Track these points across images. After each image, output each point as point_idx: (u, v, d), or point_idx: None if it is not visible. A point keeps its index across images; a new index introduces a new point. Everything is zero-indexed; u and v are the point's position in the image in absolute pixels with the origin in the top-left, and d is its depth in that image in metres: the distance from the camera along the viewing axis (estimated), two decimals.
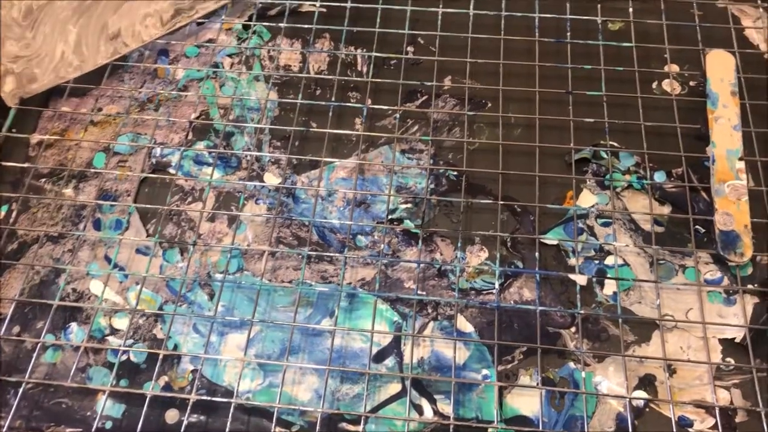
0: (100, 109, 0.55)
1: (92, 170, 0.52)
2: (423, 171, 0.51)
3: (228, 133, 0.53)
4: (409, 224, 0.49)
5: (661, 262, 0.47)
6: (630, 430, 0.41)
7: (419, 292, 0.46)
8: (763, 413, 0.40)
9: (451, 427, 0.41)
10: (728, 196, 0.47)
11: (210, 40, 0.57)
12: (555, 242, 0.48)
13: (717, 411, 0.41)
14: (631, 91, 0.52)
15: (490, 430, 0.42)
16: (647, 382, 0.43)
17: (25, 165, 0.52)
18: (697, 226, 0.47)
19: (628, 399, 0.42)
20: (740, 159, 0.48)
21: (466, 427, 0.42)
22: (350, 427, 0.42)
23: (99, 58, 0.54)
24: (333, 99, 0.54)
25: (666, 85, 0.54)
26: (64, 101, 0.55)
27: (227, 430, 0.41)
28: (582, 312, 0.44)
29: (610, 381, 0.43)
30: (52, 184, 0.52)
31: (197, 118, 0.54)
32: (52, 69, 0.54)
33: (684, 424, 0.42)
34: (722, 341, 0.44)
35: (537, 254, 0.46)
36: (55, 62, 0.54)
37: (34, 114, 0.54)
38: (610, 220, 0.48)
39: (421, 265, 0.47)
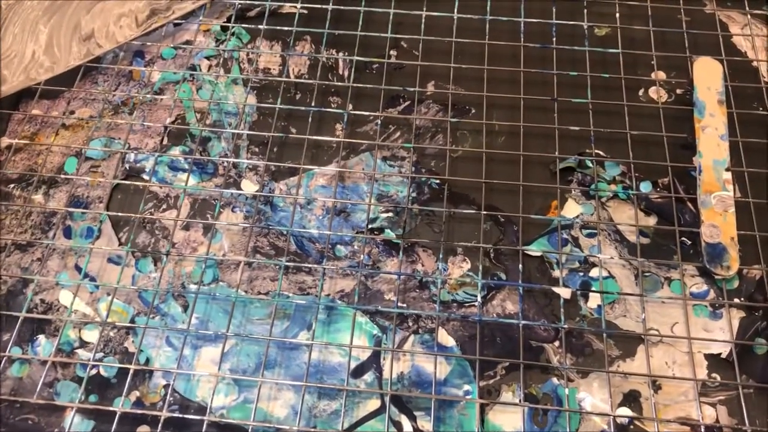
0: (72, 112, 0.53)
1: (63, 176, 0.50)
2: (405, 179, 0.50)
3: (204, 138, 0.52)
4: (390, 234, 0.48)
5: (647, 274, 0.46)
6: None
7: (400, 304, 0.45)
8: (749, 431, 0.40)
9: None
10: (715, 208, 0.46)
11: (187, 42, 0.56)
12: (539, 254, 0.47)
13: (702, 430, 0.40)
14: (617, 98, 0.51)
15: None
16: (632, 399, 0.42)
17: None
18: (683, 238, 0.47)
19: (612, 417, 0.41)
20: (727, 170, 0.47)
21: None
22: None
23: (71, 59, 0.53)
24: (313, 104, 0.52)
25: (653, 92, 0.53)
26: (35, 104, 0.53)
27: None
28: (566, 326, 0.43)
29: (593, 397, 0.42)
30: (21, 190, 0.50)
31: (173, 122, 0.52)
32: (22, 70, 0.52)
33: None
34: (708, 356, 0.43)
35: (520, 266, 0.45)
36: (25, 63, 0.52)
37: (3, 117, 0.53)
38: (595, 231, 0.47)
39: (402, 277, 0.46)
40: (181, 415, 0.41)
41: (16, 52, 0.52)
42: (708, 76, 0.51)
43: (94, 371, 0.43)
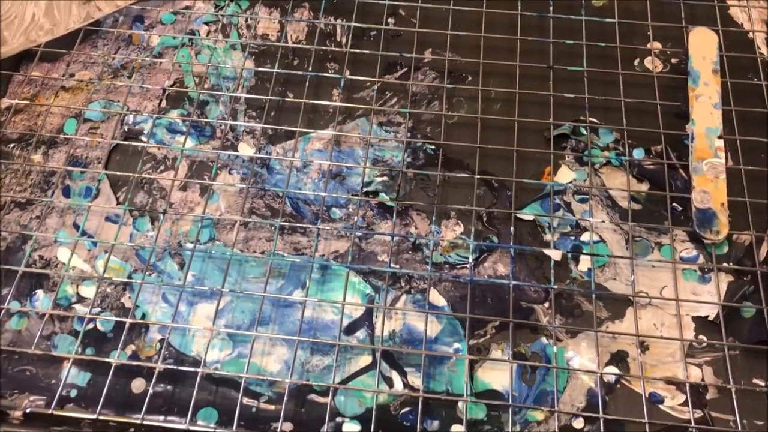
0: (72, 75, 0.53)
1: (62, 136, 0.51)
2: (400, 144, 0.50)
3: (203, 102, 0.52)
4: (384, 197, 0.48)
5: (637, 239, 0.46)
6: (601, 405, 0.41)
7: (393, 265, 0.45)
8: (733, 390, 0.40)
9: (420, 399, 0.40)
10: (706, 174, 0.46)
11: (187, 7, 0.56)
12: (531, 218, 0.47)
13: (688, 388, 0.41)
14: (612, 67, 0.51)
15: (459, 403, 0.41)
16: (619, 359, 0.43)
17: None
18: (674, 204, 0.47)
19: (599, 374, 0.41)
20: (719, 137, 0.47)
21: (435, 399, 0.41)
22: (319, 399, 0.42)
23: (71, 22, 0.53)
24: (310, 69, 0.53)
25: (648, 62, 0.53)
26: (35, 66, 0.53)
27: (193, 399, 0.40)
28: (556, 287, 0.44)
29: (581, 357, 0.43)
30: (20, 149, 0.50)
31: (171, 86, 0.53)
32: (22, 32, 0.52)
33: (655, 400, 0.41)
34: (695, 319, 0.44)
35: (512, 229, 0.46)
36: (25, 25, 0.52)
37: (3, 78, 0.53)
38: (588, 197, 0.48)
39: (396, 239, 0.46)
40: (176, 367, 0.42)
41: (16, 14, 0.52)
42: (703, 46, 0.51)
43: (90, 325, 0.44)
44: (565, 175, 0.49)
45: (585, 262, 0.46)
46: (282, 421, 0.40)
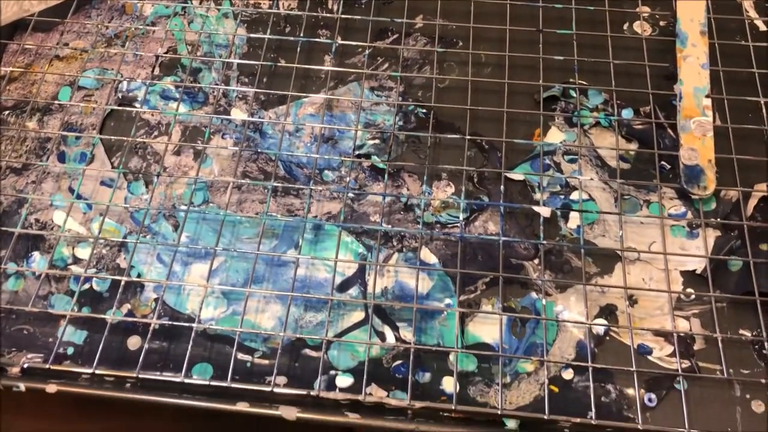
0: (66, 44, 0.54)
1: (57, 103, 0.51)
2: (391, 108, 0.51)
3: (195, 69, 0.53)
4: (376, 159, 0.49)
5: (626, 197, 0.47)
6: (590, 356, 0.41)
7: (385, 225, 0.46)
8: (720, 340, 0.41)
9: (412, 351, 0.41)
10: (694, 132, 0.47)
11: None
12: (521, 177, 0.48)
13: (675, 338, 0.42)
14: (601, 31, 0.52)
15: (450, 355, 0.42)
16: (608, 312, 0.43)
17: None
18: (662, 162, 0.48)
19: (588, 326, 0.42)
20: (707, 96, 0.48)
21: (427, 351, 0.42)
22: (312, 353, 0.42)
23: None
24: (302, 36, 0.53)
25: (637, 26, 0.53)
26: (29, 35, 0.54)
27: (188, 355, 0.41)
28: (545, 242, 0.44)
29: (571, 311, 0.43)
30: (15, 117, 0.51)
31: (165, 53, 0.53)
32: (15, 1, 0.53)
33: (643, 351, 0.42)
34: (683, 273, 0.44)
35: (502, 188, 0.46)
36: None
37: None
38: (577, 157, 0.48)
39: (388, 200, 0.47)
40: (171, 323, 0.42)
41: None
42: (691, 9, 0.52)
43: (86, 285, 0.45)
44: (555, 136, 0.49)
45: (574, 220, 0.46)
46: (276, 375, 0.41)
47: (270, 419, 0.39)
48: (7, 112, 0.51)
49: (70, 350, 0.43)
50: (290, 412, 0.39)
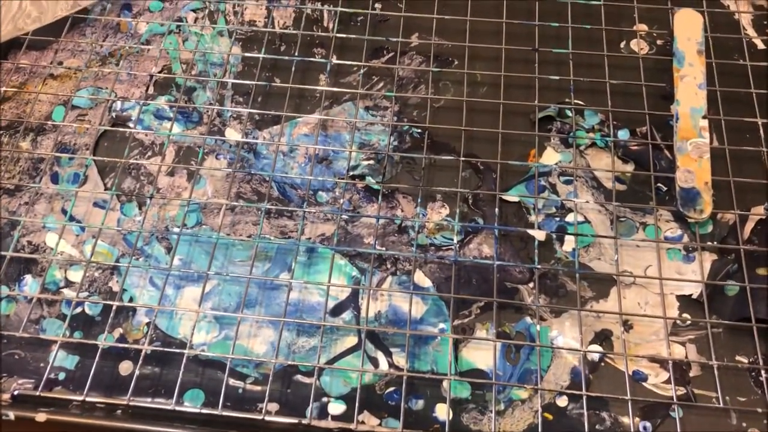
0: (60, 63, 0.54)
1: (50, 123, 0.51)
2: (386, 128, 0.50)
3: (190, 88, 0.52)
4: (370, 180, 0.48)
5: (622, 219, 0.47)
6: (584, 383, 0.41)
7: (378, 247, 0.46)
8: (716, 367, 0.40)
9: (405, 378, 0.41)
10: (690, 154, 0.46)
11: None
12: (516, 199, 0.47)
13: (671, 365, 0.41)
14: (598, 50, 0.51)
15: (444, 382, 0.42)
16: (603, 338, 0.43)
17: None
18: (659, 184, 0.47)
19: (582, 352, 0.42)
20: (704, 117, 0.48)
21: (420, 378, 0.42)
22: (305, 379, 0.42)
23: (58, 9, 0.53)
24: (297, 55, 0.53)
25: (634, 45, 0.53)
26: (23, 54, 0.54)
27: (179, 381, 0.40)
28: (540, 267, 0.44)
29: (565, 336, 0.43)
30: (9, 137, 0.51)
31: (159, 72, 0.53)
32: (9, 19, 0.53)
33: (638, 378, 0.42)
34: (679, 298, 0.44)
35: (497, 210, 0.46)
36: (12, 12, 0.53)
37: None
38: (573, 178, 0.48)
39: (381, 222, 0.47)
40: (162, 349, 0.42)
41: (4, 2, 0.53)
42: (688, 27, 0.51)
43: (78, 309, 0.44)
44: (551, 157, 0.49)
45: (569, 243, 0.46)
46: (267, 402, 0.41)
47: None
48: (0, 133, 0.51)
49: (62, 375, 0.42)
50: None
